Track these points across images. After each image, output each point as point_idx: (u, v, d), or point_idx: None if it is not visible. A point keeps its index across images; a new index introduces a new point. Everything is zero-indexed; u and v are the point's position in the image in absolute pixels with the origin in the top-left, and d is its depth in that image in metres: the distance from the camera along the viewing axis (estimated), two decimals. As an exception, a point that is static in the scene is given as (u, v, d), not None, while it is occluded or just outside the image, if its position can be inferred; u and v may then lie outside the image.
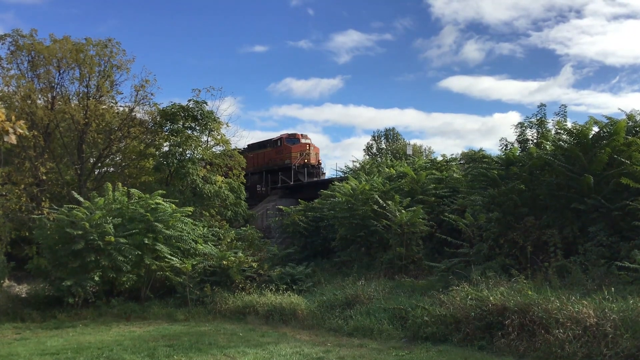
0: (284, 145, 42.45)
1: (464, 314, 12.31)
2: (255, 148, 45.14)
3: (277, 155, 42.78)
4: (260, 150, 44.86)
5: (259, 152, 44.77)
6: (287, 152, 41.81)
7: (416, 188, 22.25)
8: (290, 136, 42.81)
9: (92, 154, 31.59)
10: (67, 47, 29.04)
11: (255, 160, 44.29)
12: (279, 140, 43.24)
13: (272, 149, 43.65)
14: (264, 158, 44.20)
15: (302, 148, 41.84)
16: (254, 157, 44.39)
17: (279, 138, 43.23)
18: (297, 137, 42.65)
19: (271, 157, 43.45)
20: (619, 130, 14.83)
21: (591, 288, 12.39)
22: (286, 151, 41.96)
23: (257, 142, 46.16)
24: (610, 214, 14.37)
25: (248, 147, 44.27)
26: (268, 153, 43.92)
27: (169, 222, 20.32)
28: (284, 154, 42.02)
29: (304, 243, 25.07)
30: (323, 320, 15.35)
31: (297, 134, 43.02)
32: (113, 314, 18.41)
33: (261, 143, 45.52)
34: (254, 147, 45.16)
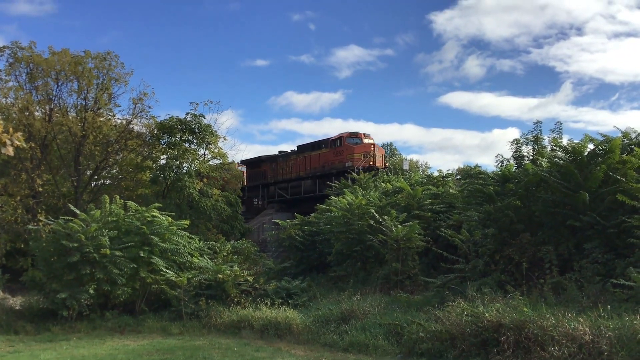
0: (344, 145, 37.09)
1: (460, 330, 12.28)
2: (306, 149, 40.79)
3: (335, 156, 37.66)
4: (314, 151, 39.77)
5: (312, 154, 39.66)
6: (349, 153, 36.48)
7: (412, 203, 22.27)
8: (351, 135, 37.46)
9: (89, 166, 31.61)
10: (65, 60, 29.16)
11: (306, 164, 39.95)
12: (338, 139, 37.96)
13: (330, 149, 38.33)
14: (318, 160, 39.04)
15: (365, 149, 36.43)
16: (305, 159, 40.20)
17: (338, 137, 38.07)
18: (359, 136, 37.29)
19: (328, 159, 38.32)
20: (614, 148, 14.90)
21: (586, 305, 12.38)
22: (347, 152, 36.66)
23: (308, 142, 41.86)
24: (606, 231, 14.39)
25: (298, 148, 41.69)
26: (324, 155, 38.70)
27: (165, 235, 20.28)
28: (344, 155, 36.80)
29: (300, 257, 25.01)
30: (318, 335, 15.30)
31: (359, 132, 37.67)
32: (107, 328, 18.32)
33: (315, 144, 40.68)
34: (304, 149, 41.00)
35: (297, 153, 41.60)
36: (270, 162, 44.18)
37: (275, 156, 44.43)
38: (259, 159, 45.81)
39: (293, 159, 41.70)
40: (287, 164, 42.07)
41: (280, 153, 44.66)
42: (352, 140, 37.13)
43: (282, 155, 43.82)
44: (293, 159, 41.78)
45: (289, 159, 42.32)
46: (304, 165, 40.07)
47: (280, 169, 42.67)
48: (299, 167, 40.51)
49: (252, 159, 46.63)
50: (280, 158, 43.59)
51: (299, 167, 40.62)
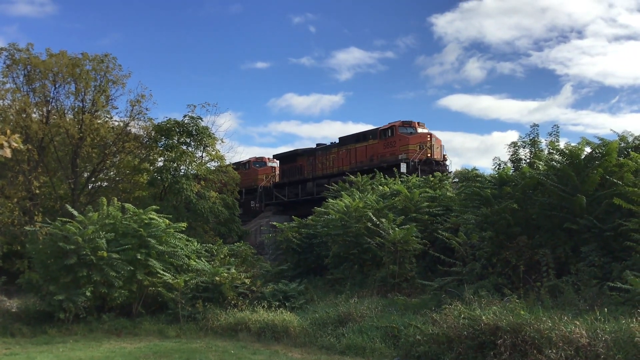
0: (397, 135, 33.42)
1: (457, 333, 12.28)
2: (350, 141, 37.35)
3: (386, 148, 33.99)
4: (359, 143, 36.34)
5: (357, 147, 36.24)
6: (402, 144, 32.88)
7: (410, 206, 22.28)
8: (404, 123, 33.86)
9: (86, 168, 31.60)
10: (63, 62, 29.16)
11: (350, 157, 36.57)
12: (389, 129, 34.27)
13: (379, 141, 34.71)
14: (364, 153, 35.66)
15: (421, 139, 32.85)
16: (349, 152, 36.78)
17: (389, 126, 34.38)
18: (413, 125, 33.76)
19: (377, 151, 34.62)
20: (611, 151, 14.94)
21: (583, 308, 12.40)
22: (401, 142, 33.04)
23: (352, 133, 38.26)
24: (603, 235, 14.42)
25: (340, 140, 38.33)
26: (372, 147, 35.08)
27: (162, 237, 20.27)
28: (397, 146, 33.20)
29: (297, 260, 24.99)
30: (315, 338, 15.29)
31: (413, 121, 34.09)
32: (104, 330, 18.28)
33: (360, 134, 37.02)
34: (348, 141, 37.57)
35: (340, 145, 38.29)
36: (308, 156, 41.02)
37: (314, 149, 41.28)
38: (294, 152, 43.09)
39: (334, 152, 38.40)
40: (328, 157, 38.94)
41: (319, 146, 41.57)
42: (406, 130, 33.67)
43: (322, 148, 40.61)
44: (334, 152, 38.44)
45: (329, 152, 39.08)
46: (348, 158, 36.81)
47: (320, 163, 39.58)
48: (342, 161, 37.18)
49: (286, 153, 44.26)
50: (319, 151, 40.36)
51: (341, 161, 37.30)
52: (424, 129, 33.81)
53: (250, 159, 46.84)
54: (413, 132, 33.53)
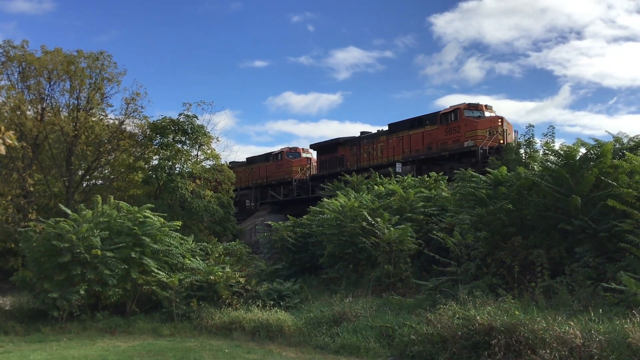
0: (462, 119, 29.80)
1: (451, 333, 12.28)
2: (402, 127, 33.86)
3: (448, 134, 30.30)
4: (414, 130, 32.77)
5: (412, 134, 32.83)
6: (469, 130, 29.29)
7: (405, 206, 22.28)
8: (470, 106, 30.21)
9: (81, 166, 31.50)
10: (58, 59, 29.08)
11: (402, 145, 33.09)
12: (452, 112, 30.58)
13: (440, 126, 30.98)
14: (420, 141, 32.11)
15: (491, 124, 29.11)
16: (400, 140, 33.46)
17: (452, 110, 30.66)
18: (480, 107, 30.22)
19: (436, 138, 31.09)
20: (606, 153, 14.97)
21: (577, 309, 12.42)
22: (467, 128, 29.47)
23: (405, 119, 34.37)
24: (597, 235, 14.44)
25: (390, 127, 35.03)
26: (431, 133, 31.59)
27: (157, 236, 20.23)
28: (463, 132, 29.55)
29: (292, 259, 24.97)
30: (310, 337, 15.28)
31: (480, 104, 30.61)
32: (98, 328, 18.24)
33: (416, 120, 33.34)
34: (399, 127, 34.15)
35: (389, 133, 34.75)
36: (351, 146, 38.00)
37: (358, 138, 38.12)
38: (335, 141, 39.77)
39: (383, 141, 35.09)
40: (375, 146, 35.81)
41: (363, 134, 38.22)
42: (472, 113, 30.01)
43: (368, 137, 37.31)
44: (383, 140, 35.12)
45: (376, 141, 35.87)
46: (400, 147, 33.33)
47: (365, 152, 36.43)
48: (393, 150, 33.83)
49: (325, 142, 41.11)
50: (364, 140, 37.18)
51: (392, 150, 33.94)
52: (492, 112, 30.27)
53: (283, 149, 44.68)
54: (481, 115, 29.81)
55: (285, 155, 43.85)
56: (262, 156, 46.87)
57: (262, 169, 45.93)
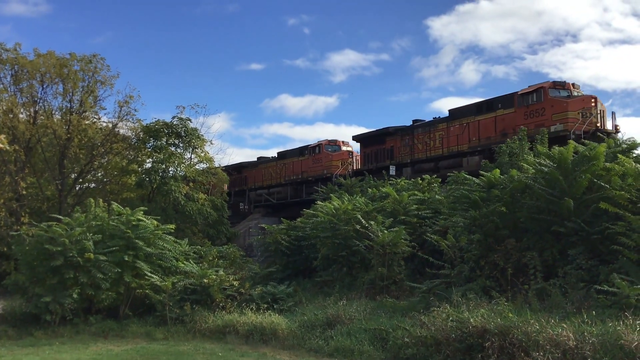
0: (547, 99, 26.22)
1: (445, 335, 12.30)
2: (467, 113, 30.17)
3: (529, 118, 26.72)
4: (484, 115, 29.09)
5: (480, 120, 29.14)
6: (557, 111, 25.60)
7: (398, 209, 22.31)
8: (556, 85, 26.61)
9: (74, 169, 31.41)
10: (51, 62, 29.00)
11: (469, 132, 29.46)
12: (532, 93, 27.02)
13: (518, 109, 27.43)
14: (492, 126, 28.52)
15: (584, 104, 25.60)
16: (465, 128, 29.77)
17: (535, 89, 26.98)
18: (567, 86, 26.61)
19: (513, 123, 27.42)
20: (599, 156, 15.03)
21: (570, 311, 12.44)
22: (554, 109, 25.81)
23: (472, 103, 30.79)
24: (590, 238, 14.49)
25: (451, 113, 31.64)
26: (505, 118, 28.08)
27: (150, 239, 20.16)
28: (548, 114, 25.97)
29: (286, 262, 24.97)
30: (303, 340, 15.25)
31: (567, 82, 26.84)
32: (91, 332, 18.15)
33: (484, 104, 29.75)
34: (464, 112, 30.33)
35: (450, 119, 31.41)
36: (402, 136, 34.49)
37: (411, 127, 34.54)
38: (383, 131, 35.98)
39: (442, 129, 31.95)
40: (432, 135, 32.52)
41: (417, 122, 34.60)
42: (558, 93, 26.41)
43: (423, 125, 33.68)
44: (442, 128, 32.00)
45: (435, 129, 32.55)
46: (466, 135, 29.76)
47: (420, 143, 33.03)
48: (457, 139, 30.17)
49: (371, 132, 37.60)
50: (419, 129, 33.68)
51: (455, 139, 30.30)
52: (579, 91, 26.81)
53: (322, 141, 40.90)
54: (570, 94, 26.25)
55: (324, 148, 40.13)
56: (296, 150, 43.83)
57: (296, 164, 42.65)
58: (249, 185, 47.18)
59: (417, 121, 34.46)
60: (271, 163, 45.55)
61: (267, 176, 45.52)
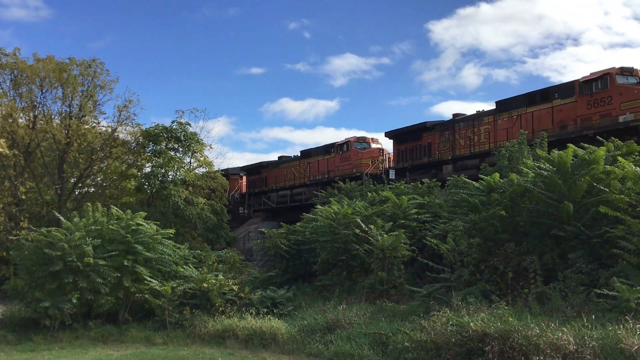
0: (613, 87, 23.64)
1: (445, 339, 12.28)
2: (517, 105, 27.64)
3: (591, 108, 24.27)
4: (538, 106, 26.56)
5: (535, 111, 26.66)
6: (627, 99, 23.19)
7: (398, 213, 22.28)
8: (624, 71, 23.98)
9: (73, 174, 31.39)
10: (50, 67, 29.02)
11: (522, 125, 26.79)
12: (596, 81, 24.34)
13: (579, 98, 24.88)
14: (550, 118, 25.93)
15: None
16: (517, 120, 27.37)
17: (596, 77, 24.33)
18: (635, 73, 24.11)
19: (571, 113, 25.15)
20: (598, 159, 15.03)
21: (570, 315, 12.43)
22: (622, 97, 23.37)
23: (522, 94, 28.10)
24: (590, 241, 14.48)
25: (498, 105, 28.83)
26: (562, 109, 25.63)
27: (150, 244, 20.15)
28: (615, 103, 23.47)
29: (286, 266, 24.94)
30: (303, 344, 15.24)
31: (634, 68, 24.25)
32: (90, 337, 18.14)
33: (537, 94, 27.15)
34: (514, 104, 27.86)
35: (498, 112, 28.64)
36: (442, 131, 31.58)
37: (451, 121, 31.77)
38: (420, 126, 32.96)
39: (489, 122, 28.95)
40: (477, 129, 29.44)
41: (458, 116, 31.68)
42: (628, 80, 24.05)
43: (465, 118, 30.81)
44: (488, 121, 29.04)
45: (479, 123, 29.56)
46: (517, 127, 26.80)
47: (463, 138, 30.32)
48: (506, 132, 27.47)
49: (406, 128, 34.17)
50: (460, 123, 30.91)
51: (503, 133, 27.64)
52: None
53: (350, 138, 38.12)
54: (639, 81, 23.77)
55: (352, 146, 37.48)
56: (321, 148, 41.10)
57: (321, 163, 39.98)
58: (269, 186, 44.77)
59: (458, 115, 31.84)
60: (293, 162, 43.22)
61: (289, 176, 43.07)
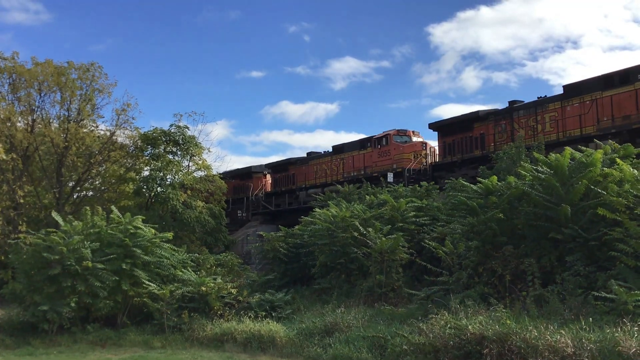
0: None
1: (443, 342, 12.29)
2: (583, 90, 24.95)
3: None
4: (612, 90, 23.67)
5: (610, 95, 23.73)
6: None
7: (396, 216, 22.30)
8: None
9: (71, 177, 31.36)
10: (48, 70, 29.01)
11: (593, 112, 24.17)
12: None
13: None
14: (633, 102, 23.02)
15: None
16: (590, 105, 24.39)
17: None
18: None
19: None
20: (595, 162, 15.07)
21: (568, 318, 12.45)
22: None
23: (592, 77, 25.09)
24: (587, 244, 14.51)
25: (566, 90, 25.90)
26: None
27: (148, 247, 20.14)
28: None
29: (284, 269, 24.94)
30: (302, 348, 15.23)
31: None
32: (88, 341, 18.10)
33: (611, 76, 24.06)
34: (579, 89, 25.17)
35: (566, 97, 25.72)
36: (496, 120, 29.00)
37: (508, 109, 28.77)
38: (470, 116, 30.45)
39: (555, 109, 26.08)
40: (541, 118, 26.72)
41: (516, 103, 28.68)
42: None
43: (525, 106, 27.96)
44: (554, 108, 26.08)
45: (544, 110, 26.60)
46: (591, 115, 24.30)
47: (523, 128, 27.15)
48: (578, 120, 24.76)
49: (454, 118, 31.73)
50: (520, 111, 28.01)
51: (574, 120, 24.92)
52: None
53: (389, 131, 35.37)
54: None
55: (392, 139, 34.75)
56: (357, 143, 38.56)
57: (357, 159, 37.52)
58: (297, 184, 42.16)
59: (516, 102, 28.69)
60: (325, 158, 40.64)
61: (320, 173, 40.60)
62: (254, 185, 44.02)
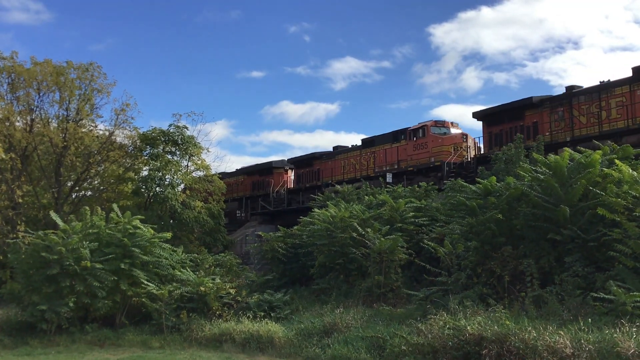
0: None
1: (442, 343, 12.29)
2: None
3: None
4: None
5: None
6: None
7: (395, 216, 22.30)
8: None
9: (70, 177, 31.33)
10: (47, 70, 28.98)
11: None
12: None
13: None
14: None
15: None
16: None
17: None
18: None
19: None
20: (594, 163, 15.07)
21: (567, 318, 12.45)
22: None
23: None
24: (586, 245, 14.51)
25: (636, 70, 23.32)
26: None
27: (147, 247, 20.13)
28: None
29: (283, 270, 24.93)
30: (300, 348, 15.23)
31: None
32: (87, 341, 18.09)
33: None
34: None
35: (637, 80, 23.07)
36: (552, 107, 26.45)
37: (566, 94, 26.27)
38: (521, 103, 28.01)
39: (623, 94, 23.55)
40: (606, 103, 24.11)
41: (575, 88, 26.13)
42: None
43: (587, 91, 25.34)
44: (622, 92, 23.58)
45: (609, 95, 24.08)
46: None
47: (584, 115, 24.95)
48: None
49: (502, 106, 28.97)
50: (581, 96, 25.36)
51: None
52: None
53: (426, 122, 32.60)
54: None
55: (429, 131, 31.99)
56: (389, 135, 35.51)
57: (389, 152, 34.74)
58: (323, 180, 39.49)
59: (575, 87, 26.10)
60: (353, 152, 38.08)
61: (348, 168, 38.15)
62: (274, 182, 42.24)
